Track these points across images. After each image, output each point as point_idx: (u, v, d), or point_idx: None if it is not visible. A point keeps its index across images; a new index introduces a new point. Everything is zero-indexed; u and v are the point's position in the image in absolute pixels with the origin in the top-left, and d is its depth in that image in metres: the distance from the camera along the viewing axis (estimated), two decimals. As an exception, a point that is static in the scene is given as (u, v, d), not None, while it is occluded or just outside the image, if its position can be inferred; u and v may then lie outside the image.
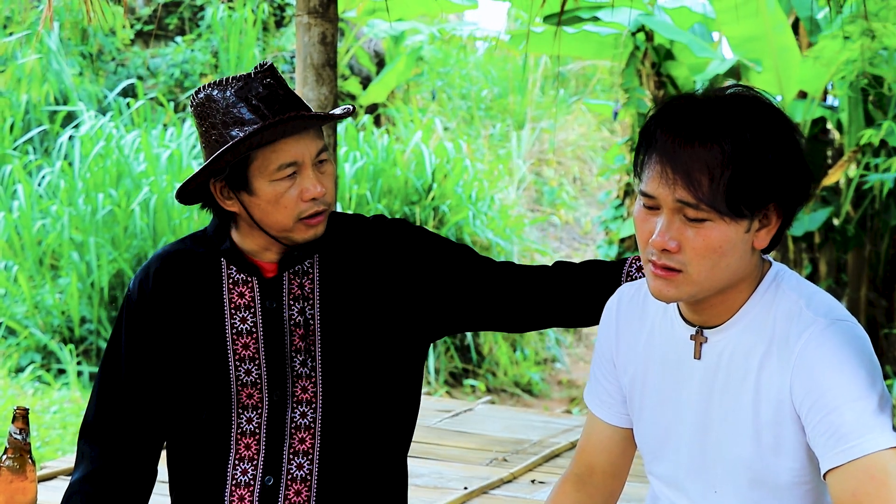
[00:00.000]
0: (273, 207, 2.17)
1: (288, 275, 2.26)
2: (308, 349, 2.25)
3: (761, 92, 1.84)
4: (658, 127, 1.80)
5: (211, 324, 2.26)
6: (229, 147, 2.12)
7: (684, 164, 1.75)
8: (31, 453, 2.12)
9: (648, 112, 1.86)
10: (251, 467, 2.26)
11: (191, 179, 2.18)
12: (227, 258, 2.27)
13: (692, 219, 1.77)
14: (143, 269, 2.32)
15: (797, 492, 1.87)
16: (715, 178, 1.75)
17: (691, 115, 1.78)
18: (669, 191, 1.77)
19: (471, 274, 2.31)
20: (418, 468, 4.25)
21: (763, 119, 1.78)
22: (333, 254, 2.29)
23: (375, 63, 11.62)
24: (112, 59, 10.70)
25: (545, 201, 11.73)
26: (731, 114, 1.78)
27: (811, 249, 8.56)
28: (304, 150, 2.16)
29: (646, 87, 8.17)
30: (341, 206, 8.73)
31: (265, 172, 2.16)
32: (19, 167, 8.67)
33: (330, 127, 4.77)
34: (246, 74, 2.17)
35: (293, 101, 2.18)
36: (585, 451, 2.11)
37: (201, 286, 2.28)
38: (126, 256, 8.11)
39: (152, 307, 2.29)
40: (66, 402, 6.76)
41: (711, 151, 1.75)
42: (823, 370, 1.78)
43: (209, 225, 2.31)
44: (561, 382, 9.44)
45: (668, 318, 1.95)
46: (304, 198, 2.17)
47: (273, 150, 2.15)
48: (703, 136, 1.76)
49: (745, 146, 1.75)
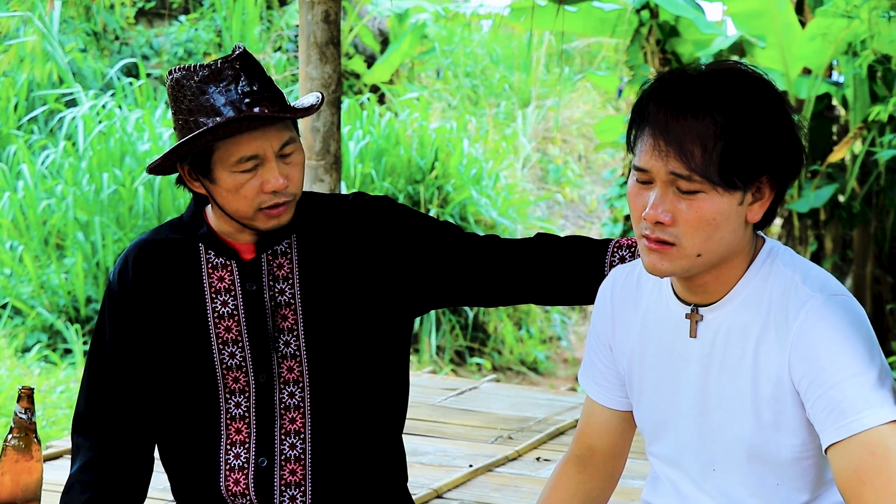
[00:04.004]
0: (233, 196, 2.17)
1: (266, 256, 2.26)
2: (291, 329, 2.25)
3: (754, 66, 1.84)
4: (650, 101, 1.80)
5: (192, 309, 2.26)
6: (189, 138, 2.12)
7: (676, 136, 1.76)
8: (37, 433, 2.12)
9: (641, 87, 1.86)
10: (244, 451, 2.26)
11: (158, 161, 2.19)
12: (205, 243, 2.27)
13: (685, 191, 1.77)
14: (122, 258, 2.32)
15: (798, 467, 1.87)
16: (707, 148, 1.75)
17: (683, 88, 1.79)
18: (662, 163, 1.77)
19: (450, 249, 2.30)
20: (423, 446, 4.26)
21: (755, 92, 1.79)
22: (312, 233, 2.28)
23: (380, 42, 11.59)
24: (116, 38, 10.68)
25: (550, 179, 11.72)
26: (722, 87, 1.78)
27: (817, 226, 8.55)
28: (266, 144, 2.15)
29: (650, 65, 8.14)
30: (346, 186, 8.72)
31: (226, 164, 2.15)
32: (23, 147, 8.67)
33: (333, 105, 4.76)
34: (216, 61, 2.15)
35: (263, 91, 2.15)
36: (585, 434, 2.11)
37: (181, 272, 2.27)
38: (131, 236, 8.12)
39: (134, 296, 2.28)
40: (72, 382, 6.77)
41: (703, 123, 1.75)
42: (822, 346, 1.78)
43: (185, 212, 2.32)
44: (566, 360, 9.45)
45: (663, 298, 1.95)
46: (265, 189, 2.16)
47: (234, 143, 2.14)
48: (695, 108, 1.76)
49: (738, 118, 1.76)
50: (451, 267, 2.30)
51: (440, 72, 12.11)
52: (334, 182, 4.69)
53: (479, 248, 2.31)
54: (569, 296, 2.32)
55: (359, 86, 11.18)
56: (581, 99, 12.75)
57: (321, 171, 4.63)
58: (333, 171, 4.68)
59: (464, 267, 2.30)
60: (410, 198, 9.14)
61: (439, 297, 2.33)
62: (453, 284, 2.31)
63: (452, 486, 3.85)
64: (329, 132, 4.65)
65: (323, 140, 4.64)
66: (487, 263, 2.30)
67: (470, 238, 2.33)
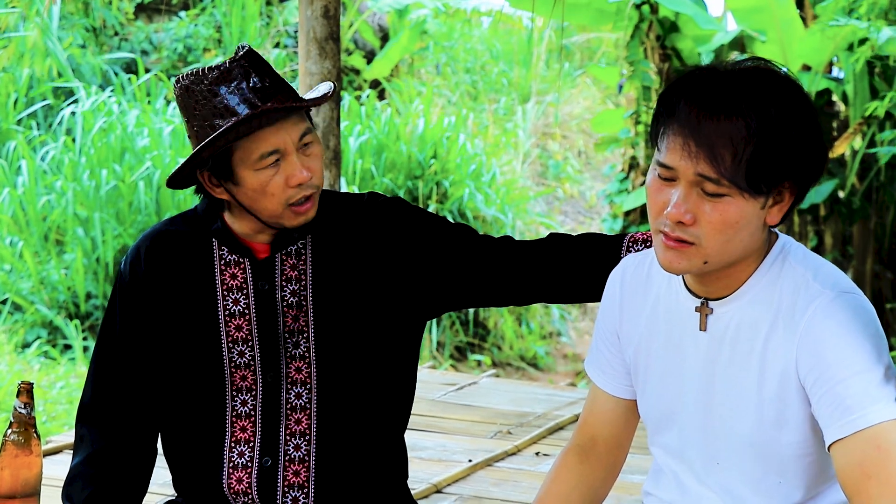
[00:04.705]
0: (260, 196, 2.15)
1: (280, 256, 2.24)
2: (301, 330, 2.24)
3: (780, 66, 1.81)
4: (681, 97, 1.77)
5: (203, 305, 2.25)
6: (209, 141, 2.10)
7: (708, 137, 1.73)
8: (36, 428, 2.12)
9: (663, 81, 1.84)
10: (248, 449, 2.25)
11: (177, 171, 2.17)
12: (219, 239, 2.25)
13: (711, 193, 1.76)
14: (134, 249, 2.30)
15: (800, 464, 1.87)
16: (738, 153, 1.73)
17: (715, 87, 1.76)
18: (691, 164, 1.75)
19: (465, 252, 2.29)
20: (423, 441, 4.27)
21: (786, 95, 1.77)
22: (327, 234, 2.27)
23: (379, 37, 11.57)
24: (115, 34, 10.67)
25: (550, 175, 11.72)
26: (755, 88, 1.75)
27: (816, 222, 8.55)
28: (286, 137, 2.13)
29: (650, 60, 8.13)
30: (345, 181, 8.72)
31: (248, 162, 2.13)
32: (23, 142, 8.66)
33: (333, 101, 4.76)
34: (224, 63, 2.14)
35: (274, 86, 2.14)
36: (588, 423, 2.11)
37: (193, 267, 2.26)
38: (131, 232, 8.11)
39: (145, 288, 2.27)
40: (72, 377, 6.78)
41: (736, 125, 1.73)
42: (830, 342, 1.78)
43: (199, 204, 2.29)
44: (566, 356, 9.45)
45: (673, 290, 1.94)
46: (291, 184, 2.14)
47: (253, 141, 2.12)
48: (728, 109, 1.73)
49: (770, 122, 1.73)
50: (466, 269, 2.28)
51: (439, 67, 12.10)
52: (334, 178, 4.69)
53: (494, 250, 2.30)
54: (585, 293, 2.30)
55: (358, 81, 11.17)
56: (581, 95, 12.73)
57: (321, 167, 4.63)
58: (333, 167, 4.68)
59: (478, 269, 2.28)
60: (410, 193, 9.13)
61: (453, 299, 2.32)
62: (468, 286, 2.29)
63: (452, 480, 3.85)
64: (328, 128, 4.65)
65: (322, 136, 4.64)
66: (502, 265, 2.28)
67: (484, 240, 2.31)
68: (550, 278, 2.29)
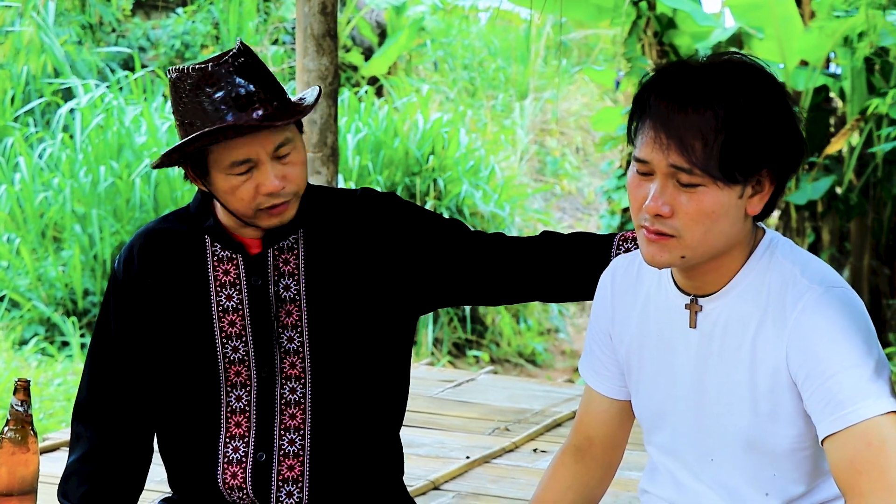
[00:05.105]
0: (231, 197, 2.15)
1: (273, 251, 2.24)
2: (294, 325, 2.24)
3: (755, 58, 1.84)
4: (652, 93, 1.80)
5: (197, 301, 2.25)
6: (180, 144, 2.11)
7: (678, 129, 1.76)
8: (33, 425, 2.12)
9: (642, 79, 1.86)
10: (242, 444, 2.26)
11: (157, 164, 2.18)
12: (211, 235, 2.26)
13: (685, 184, 1.77)
14: (127, 248, 2.31)
15: (794, 458, 1.87)
16: (708, 142, 1.75)
17: (685, 81, 1.79)
18: (663, 156, 1.77)
19: (458, 248, 2.29)
20: (420, 438, 4.27)
21: (756, 85, 1.79)
22: (319, 229, 2.27)
23: (377, 34, 11.57)
24: (112, 31, 10.66)
25: (548, 171, 11.72)
26: (724, 79, 1.78)
27: (814, 218, 8.55)
28: (259, 149, 2.12)
29: (648, 57, 8.13)
30: (343, 178, 8.71)
31: (220, 166, 2.13)
32: (20, 139, 8.66)
33: (330, 98, 4.75)
34: (208, 63, 2.12)
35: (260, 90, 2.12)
36: (584, 424, 2.11)
37: (186, 264, 2.26)
38: (128, 228, 8.12)
39: (138, 286, 2.27)
40: (69, 374, 6.77)
41: (705, 116, 1.75)
42: (820, 337, 1.78)
43: (192, 202, 2.30)
44: (564, 352, 9.45)
45: (663, 288, 1.95)
46: (261, 192, 2.13)
47: (226, 148, 2.11)
48: (696, 101, 1.76)
49: (739, 111, 1.76)
50: (458, 265, 2.29)
51: (437, 64, 12.10)
52: (331, 174, 4.69)
53: (486, 247, 2.30)
54: (576, 292, 2.31)
55: (356, 78, 11.17)
56: (579, 91, 12.74)
57: (318, 164, 4.62)
58: (330, 164, 4.67)
59: (470, 266, 2.29)
60: (408, 189, 9.14)
61: (445, 295, 2.32)
62: (460, 283, 2.30)
63: (449, 477, 3.86)
64: (326, 124, 4.65)
65: (320, 132, 4.64)
66: (494, 262, 2.29)
67: (476, 236, 2.31)
68: (541, 277, 2.30)
